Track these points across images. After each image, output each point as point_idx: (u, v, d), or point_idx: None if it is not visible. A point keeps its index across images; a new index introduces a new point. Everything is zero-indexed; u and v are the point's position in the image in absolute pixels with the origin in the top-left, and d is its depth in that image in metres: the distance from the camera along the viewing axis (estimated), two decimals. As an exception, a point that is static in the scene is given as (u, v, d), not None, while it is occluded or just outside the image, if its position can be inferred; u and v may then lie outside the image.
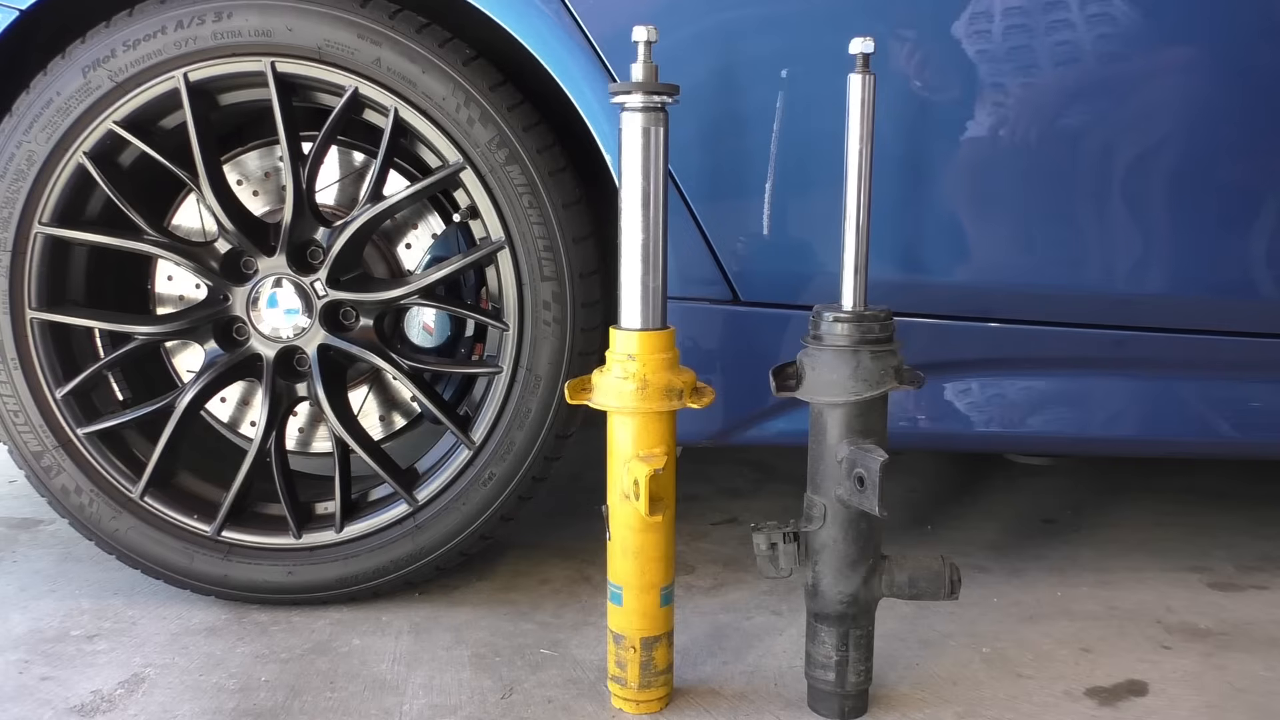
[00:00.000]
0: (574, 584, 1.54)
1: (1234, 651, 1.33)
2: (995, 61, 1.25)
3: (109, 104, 1.32)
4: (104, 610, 1.44)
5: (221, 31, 1.29)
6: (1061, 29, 1.24)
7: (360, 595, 1.43)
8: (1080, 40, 1.23)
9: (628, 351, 1.10)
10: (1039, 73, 1.25)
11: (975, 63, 1.25)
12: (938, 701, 1.19)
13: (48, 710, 1.17)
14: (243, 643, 1.34)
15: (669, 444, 1.11)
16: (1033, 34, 1.24)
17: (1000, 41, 1.24)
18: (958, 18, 1.24)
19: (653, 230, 1.08)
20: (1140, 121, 1.27)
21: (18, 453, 1.41)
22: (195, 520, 1.41)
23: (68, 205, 1.37)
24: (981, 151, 1.28)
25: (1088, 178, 1.29)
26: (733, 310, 1.34)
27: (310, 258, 1.40)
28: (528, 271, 1.33)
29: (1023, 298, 1.32)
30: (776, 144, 1.28)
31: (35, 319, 1.38)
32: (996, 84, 1.26)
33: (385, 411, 1.73)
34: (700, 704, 1.19)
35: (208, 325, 1.42)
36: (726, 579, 1.56)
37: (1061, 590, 1.52)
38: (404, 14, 1.30)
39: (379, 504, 1.43)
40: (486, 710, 1.17)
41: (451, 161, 1.32)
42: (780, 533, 1.12)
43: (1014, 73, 1.25)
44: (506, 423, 1.36)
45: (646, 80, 1.05)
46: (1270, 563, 1.64)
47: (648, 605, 1.14)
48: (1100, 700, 1.20)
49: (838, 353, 1.07)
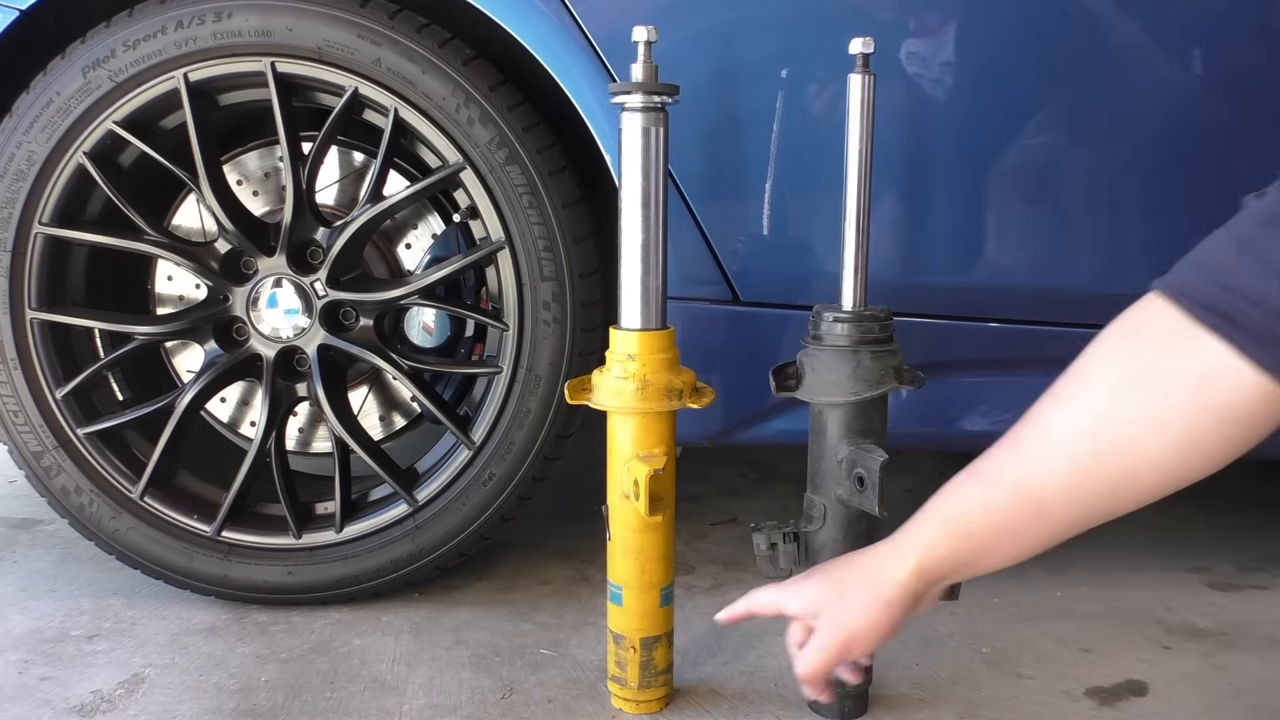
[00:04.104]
0: (574, 584, 1.54)
1: (1234, 651, 1.33)
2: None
3: (109, 104, 1.32)
4: (104, 610, 1.44)
5: (221, 32, 1.29)
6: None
7: (360, 595, 1.43)
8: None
9: (628, 351, 1.10)
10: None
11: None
12: (938, 701, 1.19)
13: (48, 710, 1.17)
14: (243, 643, 1.34)
15: (669, 444, 1.11)
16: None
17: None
18: (958, 18, 1.25)
19: (653, 230, 1.08)
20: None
21: (18, 453, 1.41)
22: (195, 520, 1.41)
23: (68, 205, 1.37)
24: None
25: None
26: (733, 310, 1.34)
27: (310, 258, 1.40)
28: (528, 271, 1.33)
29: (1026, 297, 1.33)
30: (776, 144, 1.28)
31: (35, 319, 1.38)
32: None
33: (385, 411, 1.73)
34: (700, 704, 1.19)
35: (208, 325, 1.42)
36: (726, 579, 1.56)
37: (1061, 590, 1.52)
38: (404, 14, 1.30)
39: (379, 504, 1.43)
40: (486, 710, 1.17)
41: (451, 161, 1.32)
42: (780, 533, 1.12)
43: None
44: (506, 423, 1.36)
45: (646, 80, 1.05)
46: (1270, 563, 1.64)
47: (648, 605, 1.14)
48: (1100, 700, 1.20)
49: (838, 353, 1.07)
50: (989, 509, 0.86)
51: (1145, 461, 0.79)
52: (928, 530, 0.90)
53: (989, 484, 0.85)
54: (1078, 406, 0.81)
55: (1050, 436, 0.82)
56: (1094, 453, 0.80)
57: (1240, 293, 0.73)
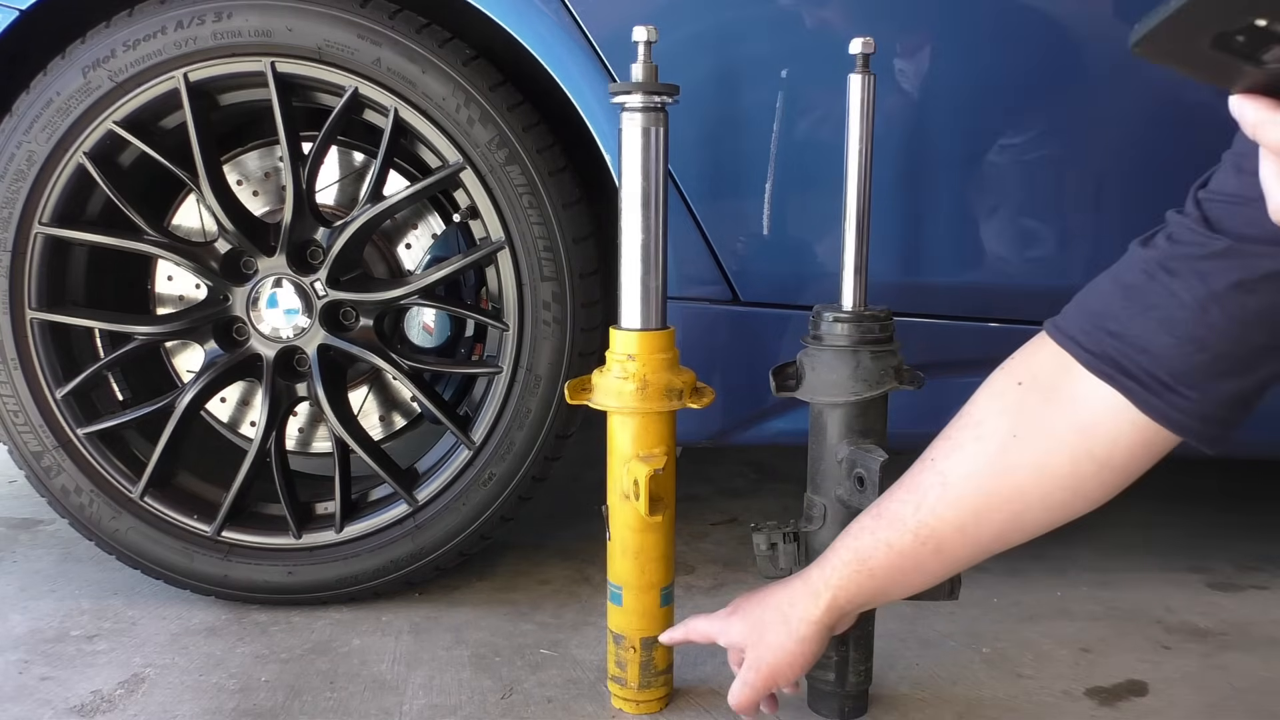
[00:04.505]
0: (574, 584, 1.54)
1: (1234, 651, 1.33)
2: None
3: (109, 104, 1.32)
4: (104, 610, 1.43)
5: (221, 32, 1.29)
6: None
7: (360, 595, 1.43)
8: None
9: (627, 351, 1.10)
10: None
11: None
12: (938, 701, 1.19)
13: (48, 710, 1.17)
14: (243, 643, 1.34)
15: (669, 444, 1.11)
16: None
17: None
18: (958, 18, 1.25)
19: (653, 230, 1.08)
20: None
21: (18, 453, 1.41)
22: (195, 520, 1.41)
23: (68, 205, 1.37)
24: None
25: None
26: (733, 310, 1.34)
27: (310, 258, 1.40)
28: (528, 271, 1.33)
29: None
30: (776, 144, 1.28)
31: (35, 319, 1.38)
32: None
33: (385, 412, 1.73)
34: (700, 704, 1.19)
35: (208, 325, 1.42)
36: (726, 579, 1.56)
37: (1061, 590, 1.52)
38: (404, 14, 1.30)
39: (379, 504, 1.43)
40: (486, 710, 1.17)
41: (451, 161, 1.32)
42: (780, 533, 1.12)
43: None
44: (506, 423, 1.36)
45: (646, 80, 1.05)
46: (1270, 563, 1.64)
47: (648, 605, 1.14)
48: (1100, 700, 1.20)
49: (838, 353, 1.07)
50: (891, 549, 0.92)
51: (1032, 505, 0.86)
52: (838, 570, 0.96)
53: (891, 527, 0.92)
54: (970, 455, 0.87)
55: (946, 483, 0.88)
56: (985, 498, 0.87)
57: (1127, 339, 0.77)
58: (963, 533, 0.89)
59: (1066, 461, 0.82)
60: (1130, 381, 0.77)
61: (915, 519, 0.90)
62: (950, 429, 0.90)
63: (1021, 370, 0.86)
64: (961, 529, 0.88)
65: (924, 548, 0.90)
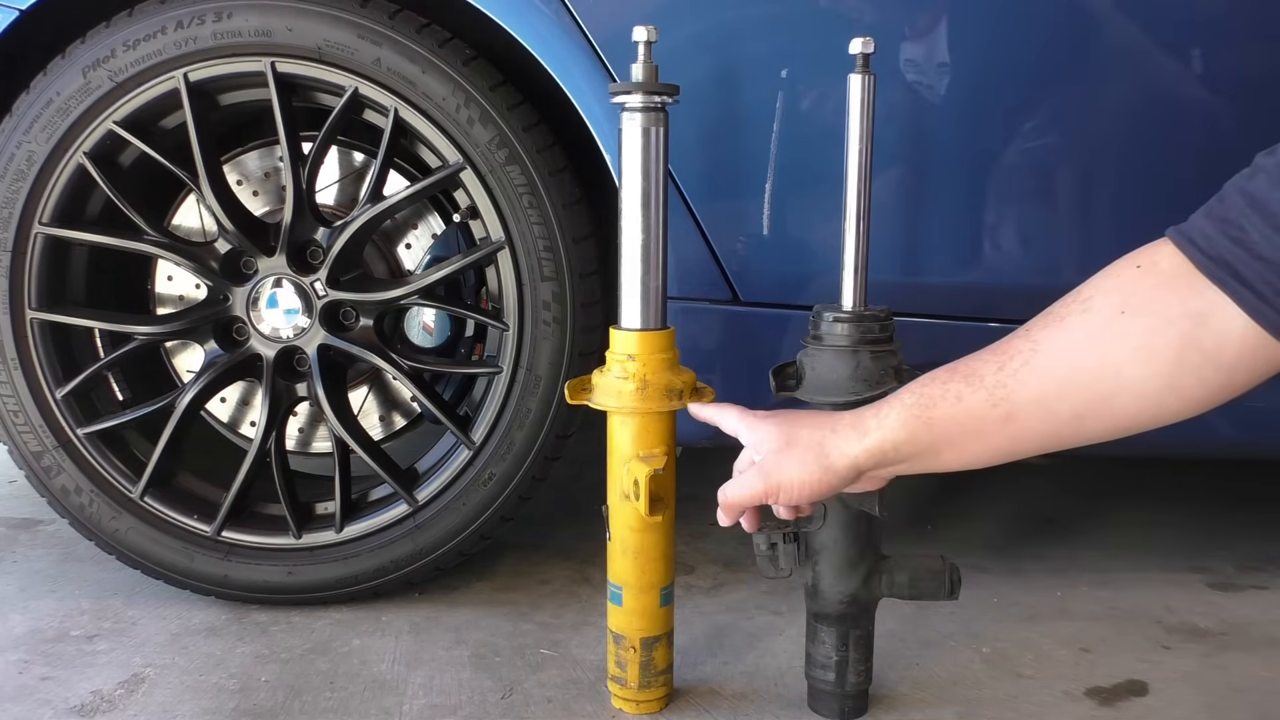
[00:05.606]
0: (574, 584, 1.54)
1: (1234, 651, 1.33)
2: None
3: (109, 104, 1.32)
4: (104, 610, 1.44)
5: (221, 32, 1.29)
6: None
7: (360, 595, 1.43)
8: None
9: (627, 351, 1.10)
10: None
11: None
12: (938, 701, 1.19)
13: (48, 710, 1.17)
14: (243, 643, 1.34)
15: (669, 444, 1.11)
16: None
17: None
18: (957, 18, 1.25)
19: (653, 230, 1.08)
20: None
21: (18, 453, 1.41)
22: (195, 520, 1.41)
23: (68, 205, 1.37)
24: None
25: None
26: (733, 310, 1.34)
27: (310, 258, 1.40)
28: (528, 271, 1.33)
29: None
30: (776, 144, 1.28)
31: (35, 319, 1.38)
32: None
33: (385, 411, 1.73)
34: (700, 704, 1.19)
35: (208, 325, 1.42)
36: (726, 579, 1.56)
37: (1061, 590, 1.52)
38: (404, 14, 1.30)
39: (379, 504, 1.43)
40: (486, 710, 1.17)
41: (451, 161, 1.32)
42: (780, 533, 1.12)
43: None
44: (506, 423, 1.36)
45: (646, 80, 1.05)
46: (1270, 563, 1.64)
47: (648, 605, 1.14)
48: (1100, 700, 1.20)
49: (838, 353, 1.07)
50: (960, 403, 0.86)
51: (1123, 389, 0.79)
52: (895, 411, 0.89)
53: (966, 381, 0.86)
54: (1069, 327, 0.82)
55: (1037, 350, 0.82)
56: (1075, 371, 0.80)
57: (1246, 245, 0.74)
58: (1040, 405, 0.82)
59: (1172, 345, 0.77)
60: (1243, 288, 0.74)
61: (994, 379, 0.84)
62: (1055, 305, 0.84)
63: (1141, 259, 0.81)
64: (1041, 400, 0.82)
65: (994, 410, 0.84)
